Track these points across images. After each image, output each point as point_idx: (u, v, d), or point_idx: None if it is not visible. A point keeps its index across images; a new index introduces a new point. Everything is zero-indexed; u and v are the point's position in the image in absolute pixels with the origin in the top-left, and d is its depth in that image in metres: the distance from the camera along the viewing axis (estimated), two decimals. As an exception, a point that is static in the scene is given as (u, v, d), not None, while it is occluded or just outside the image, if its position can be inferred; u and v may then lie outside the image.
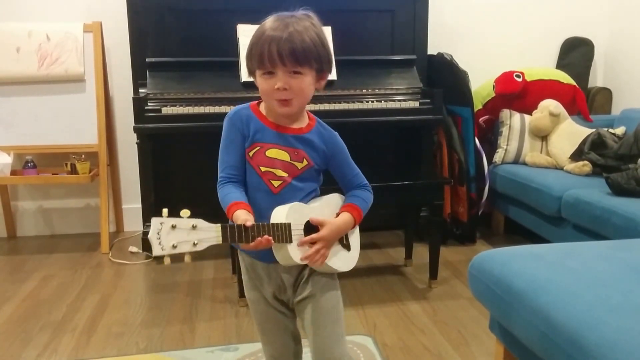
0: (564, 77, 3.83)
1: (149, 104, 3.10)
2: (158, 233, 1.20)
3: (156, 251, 1.20)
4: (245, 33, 3.23)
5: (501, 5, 4.06)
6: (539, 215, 3.20)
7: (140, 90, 3.21)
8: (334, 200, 1.53)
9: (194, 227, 1.23)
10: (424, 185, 2.83)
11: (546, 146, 3.56)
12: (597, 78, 4.29)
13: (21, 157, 3.54)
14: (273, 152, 1.43)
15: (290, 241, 1.37)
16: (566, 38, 4.15)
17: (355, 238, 1.56)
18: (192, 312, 2.64)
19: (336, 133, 1.54)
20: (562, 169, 3.39)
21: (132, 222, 3.81)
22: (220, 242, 1.27)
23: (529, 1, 4.09)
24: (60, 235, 3.81)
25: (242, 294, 2.67)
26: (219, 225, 1.27)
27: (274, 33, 1.36)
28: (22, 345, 2.34)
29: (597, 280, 1.53)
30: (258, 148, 1.43)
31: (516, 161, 3.60)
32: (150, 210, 3.28)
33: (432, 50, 3.65)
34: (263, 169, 1.42)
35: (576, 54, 4.12)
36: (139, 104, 3.05)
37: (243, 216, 1.33)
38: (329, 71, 1.48)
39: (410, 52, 3.57)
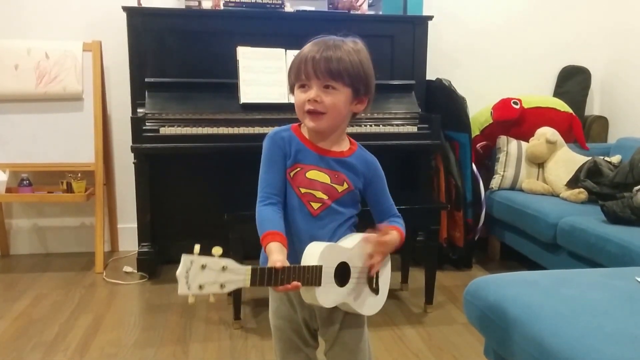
0: (561, 105, 3.86)
1: (147, 124, 3.10)
2: (187, 272, 1.15)
3: (182, 290, 1.15)
4: (245, 55, 3.25)
5: (500, 33, 4.10)
6: (534, 241, 3.20)
7: (139, 110, 3.21)
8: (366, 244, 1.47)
9: (224, 269, 1.18)
10: (420, 210, 2.83)
11: (542, 173, 3.57)
12: (594, 106, 4.32)
13: (17, 174, 3.52)
14: (313, 174, 1.42)
15: (319, 284, 1.31)
16: (563, 66, 4.18)
17: (385, 282, 1.53)
18: (186, 334, 2.62)
19: (377, 160, 1.53)
20: (558, 196, 3.39)
21: (127, 241, 3.79)
22: (248, 285, 1.22)
23: (527, 29, 4.13)
24: (54, 253, 3.79)
25: (237, 316, 2.66)
26: (250, 267, 1.22)
27: (314, 47, 1.39)
28: (12, 365, 2.32)
29: (592, 308, 1.53)
30: (299, 169, 1.42)
31: (513, 187, 3.60)
32: (145, 230, 3.27)
33: (430, 75, 3.67)
34: (303, 190, 1.41)
35: (573, 82, 4.15)
36: (137, 123, 3.05)
37: (275, 254, 1.29)
38: (367, 95, 1.46)
39: (409, 77, 3.58)
